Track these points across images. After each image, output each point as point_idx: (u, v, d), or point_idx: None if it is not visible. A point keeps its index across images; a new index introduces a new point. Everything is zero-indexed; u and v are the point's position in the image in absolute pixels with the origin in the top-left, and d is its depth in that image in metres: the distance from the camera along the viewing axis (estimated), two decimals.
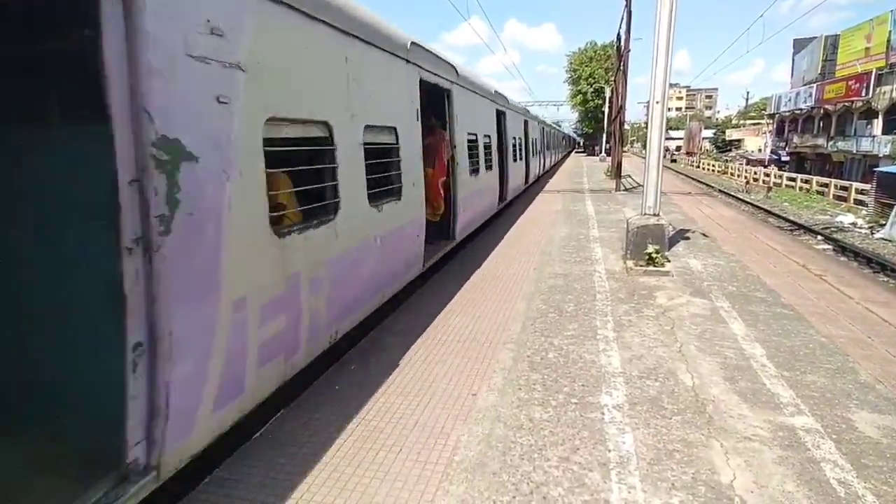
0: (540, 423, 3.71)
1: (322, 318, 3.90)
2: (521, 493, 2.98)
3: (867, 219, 19.07)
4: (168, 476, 2.52)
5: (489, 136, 10.68)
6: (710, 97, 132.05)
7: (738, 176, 37.89)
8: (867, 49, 35.53)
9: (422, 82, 6.19)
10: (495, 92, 11.42)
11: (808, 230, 16.90)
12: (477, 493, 2.98)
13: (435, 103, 7.28)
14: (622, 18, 20.28)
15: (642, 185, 8.61)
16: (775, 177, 32.87)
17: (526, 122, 17.38)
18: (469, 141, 8.67)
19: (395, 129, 5.37)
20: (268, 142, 3.10)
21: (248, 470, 3.25)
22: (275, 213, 3.26)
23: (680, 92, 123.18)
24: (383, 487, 3.06)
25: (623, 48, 20.68)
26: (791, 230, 17.06)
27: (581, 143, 77.45)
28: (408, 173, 5.67)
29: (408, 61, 5.73)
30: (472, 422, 3.74)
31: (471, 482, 3.08)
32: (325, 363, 4.53)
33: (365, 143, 4.53)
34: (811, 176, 30.79)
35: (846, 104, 36.66)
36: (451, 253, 8.41)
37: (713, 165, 48.51)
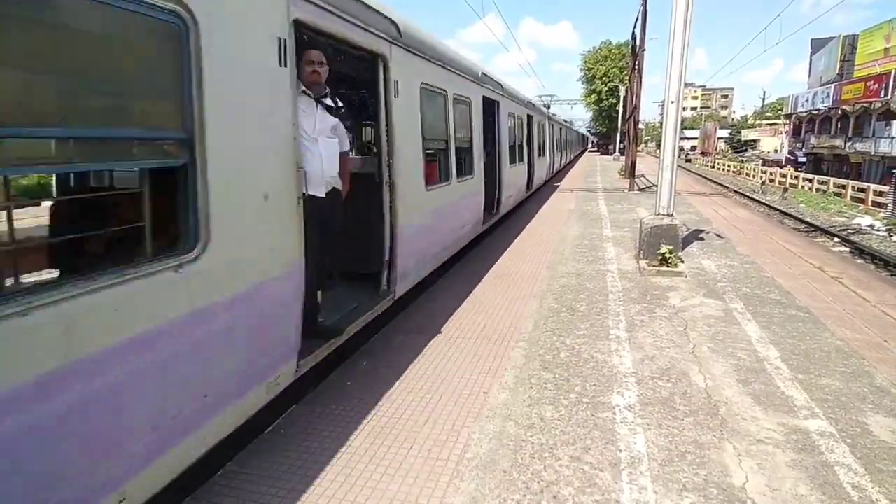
0: (551, 422, 3.71)
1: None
2: (531, 492, 2.98)
3: (885, 221, 18.74)
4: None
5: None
6: (725, 97, 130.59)
7: (754, 176, 37.47)
8: (886, 49, 34.96)
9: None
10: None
11: (824, 232, 16.65)
12: (487, 491, 2.99)
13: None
14: (637, 17, 20.16)
15: (656, 185, 8.56)
16: (792, 178, 32.45)
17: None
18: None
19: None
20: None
21: (260, 464, 3.28)
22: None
23: (695, 91, 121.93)
24: (394, 483, 3.08)
25: (638, 47, 20.55)
26: (807, 232, 16.83)
27: (595, 142, 76.98)
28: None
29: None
30: (484, 420, 3.75)
31: (482, 480, 3.09)
32: (335, 360, 4.57)
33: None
34: (828, 177, 30.34)
35: (864, 105, 36.09)
36: (462, 253, 8.42)
37: (728, 166, 47.99)
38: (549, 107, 27.38)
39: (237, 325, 2.82)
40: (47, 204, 3.21)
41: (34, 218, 3.08)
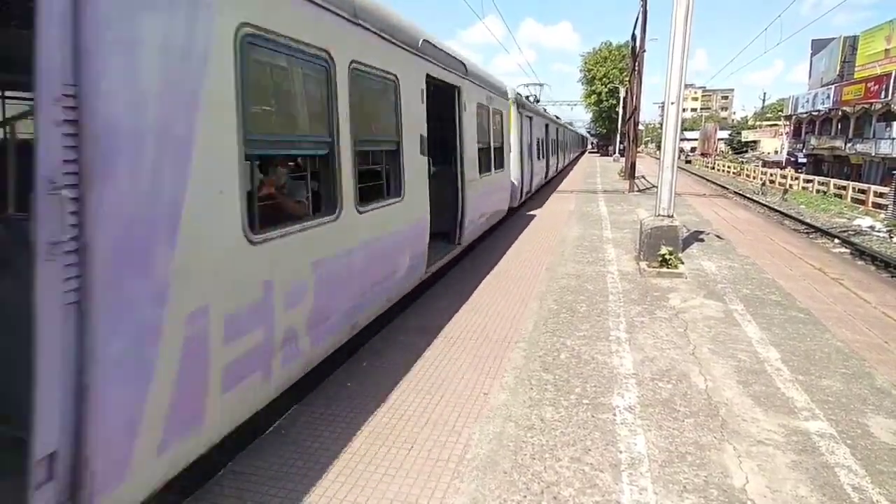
0: (551, 423, 3.72)
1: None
2: (531, 493, 2.99)
3: (886, 222, 18.74)
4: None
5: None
6: (726, 98, 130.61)
7: (754, 178, 37.48)
8: (887, 50, 34.98)
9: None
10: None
11: (825, 233, 16.65)
12: (488, 492, 2.99)
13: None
14: (637, 18, 20.17)
15: (656, 186, 8.56)
16: (792, 179, 32.45)
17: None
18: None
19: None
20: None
21: (261, 464, 3.29)
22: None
23: (695, 92, 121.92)
24: (395, 484, 3.08)
25: (638, 48, 20.56)
26: (807, 233, 16.83)
27: (594, 144, 76.95)
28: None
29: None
30: (484, 420, 3.76)
31: (482, 480, 3.09)
32: (337, 360, 4.57)
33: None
34: (829, 178, 30.34)
35: (865, 106, 36.09)
36: (462, 254, 8.41)
37: (728, 167, 48.00)
38: (537, 100, 21.38)
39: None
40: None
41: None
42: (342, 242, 4.01)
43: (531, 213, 14.16)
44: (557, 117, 26.34)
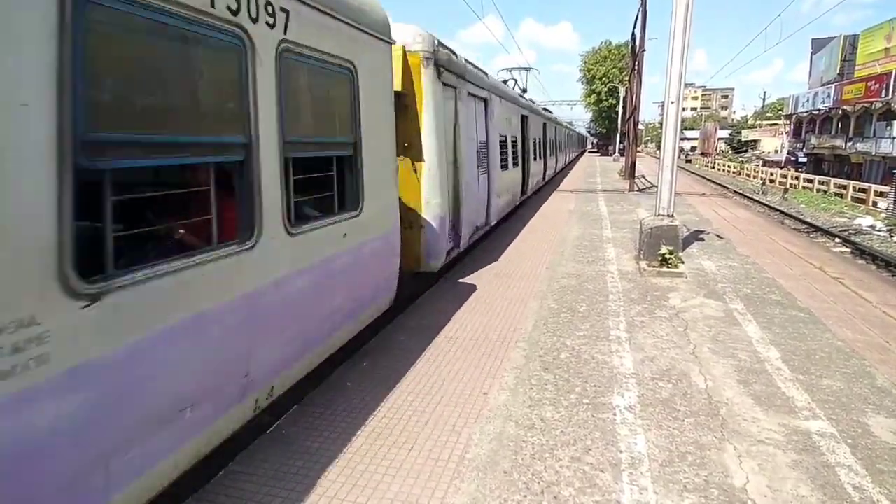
0: (551, 422, 3.71)
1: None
2: (532, 493, 2.98)
3: (886, 221, 18.74)
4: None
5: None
6: (726, 97, 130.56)
7: (754, 177, 37.46)
8: (887, 49, 34.97)
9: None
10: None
11: (825, 232, 16.65)
12: (488, 492, 2.99)
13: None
14: (637, 18, 20.16)
15: (656, 186, 8.56)
16: (792, 178, 32.43)
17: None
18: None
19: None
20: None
21: (261, 464, 3.29)
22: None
23: (695, 92, 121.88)
24: (395, 484, 3.08)
25: (638, 48, 20.55)
26: (808, 232, 16.82)
27: (594, 143, 76.91)
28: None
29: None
30: (484, 420, 3.75)
31: (482, 480, 3.09)
32: (337, 360, 4.57)
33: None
34: (829, 177, 30.32)
35: (865, 105, 36.08)
36: (462, 255, 8.40)
37: (728, 166, 47.99)
38: (524, 91, 19.47)
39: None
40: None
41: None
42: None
43: (532, 212, 14.15)
44: (547, 109, 21.06)
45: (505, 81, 14.97)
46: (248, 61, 2.90)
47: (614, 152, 49.44)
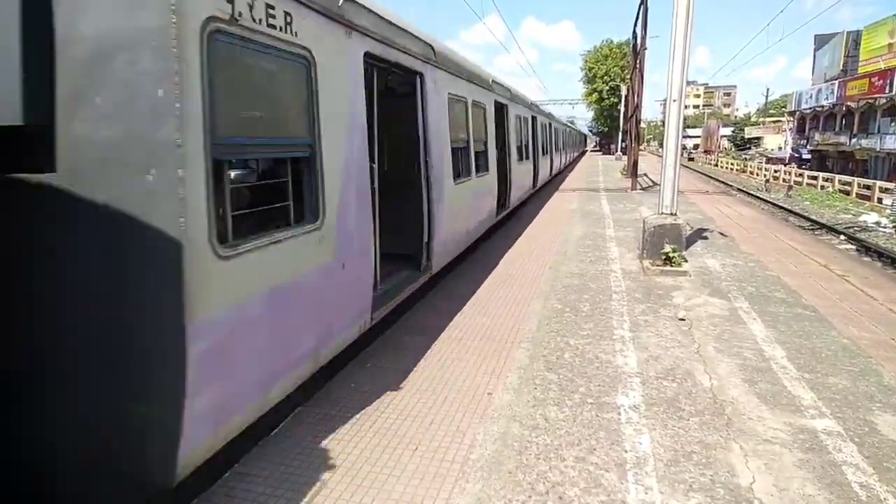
0: (556, 422, 3.71)
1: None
2: (536, 493, 2.98)
3: (892, 218, 18.65)
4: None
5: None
6: (728, 94, 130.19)
7: (758, 174, 37.34)
8: (890, 45, 34.80)
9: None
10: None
11: (830, 230, 16.58)
12: (493, 492, 2.99)
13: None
14: (638, 15, 20.12)
15: (658, 184, 8.54)
16: (796, 175, 32.31)
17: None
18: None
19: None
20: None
21: (266, 465, 3.29)
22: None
23: (698, 89, 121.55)
24: (400, 484, 3.08)
25: (639, 46, 20.51)
26: (812, 230, 16.76)
27: (596, 142, 76.77)
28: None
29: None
30: (489, 420, 3.75)
31: (487, 481, 3.09)
32: (342, 361, 4.57)
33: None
34: (833, 174, 30.20)
35: (869, 101, 35.88)
36: (465, 254, 8.39)
37: (732, 164, 47.83)
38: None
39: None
40: None
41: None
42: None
43: (534, 211, 14.13)
44: (534, 105, 17.44)
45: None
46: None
47: (616, 151, 49.33)
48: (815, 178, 30.32)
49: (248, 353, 2.92)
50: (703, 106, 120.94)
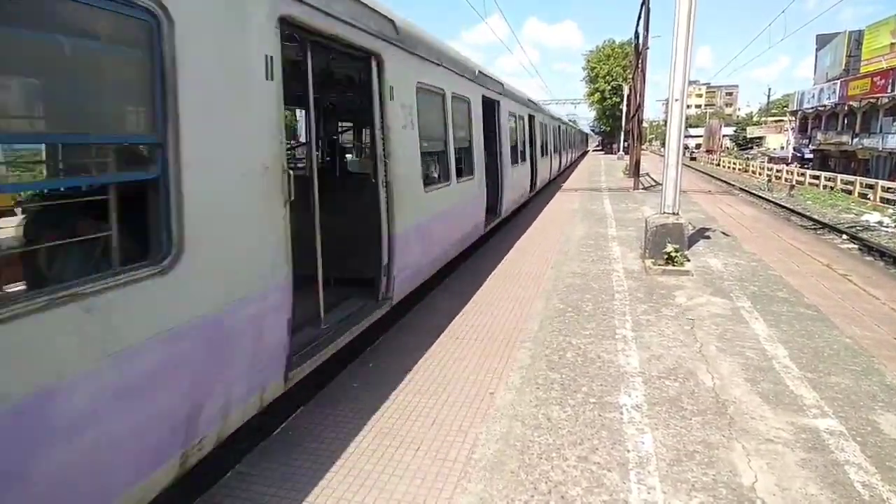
0: (558, 422, 3.71)
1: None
2: (539, 493, 2.98)
3: (894, 217, 18.61)
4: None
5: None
6: (730, 94, 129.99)
7: (760, 174, 37.26)
8: (892, 44, 34.73)
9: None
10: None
11: (832, 229, 16.55)
12: (496, 492, 2.99)
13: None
14: (640, 15, 20.10)
15: (661, 184, 8.52)
16: (798, 175, 32.24)
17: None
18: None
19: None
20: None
21: (268, 465, 3.29)
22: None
23: (700, 89, 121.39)
24: (402, 484, 3.08)
25: (641, 45, 20.48)
26: (815, 229, 16.73)
27: (599, 141, 76.69)
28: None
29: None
30: (491, 420, 3.75)
31: (489, 480, 3.09)
32: (343, 361, 4.58)
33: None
34: (835, 174, 30.13)
35: (871, 100, 35.77)
36: (467, 253, 8.40)
37: (734, 163, 47.75)
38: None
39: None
40: None
41: None
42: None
43: (536, 211, 14.13)
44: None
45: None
46: None
47: (618, 151, 49.26)
48: (817, 177, 30.26)
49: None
50: (705, 105, 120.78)
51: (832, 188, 27.48)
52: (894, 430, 3.57)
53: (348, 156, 8.58)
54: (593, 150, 71.50)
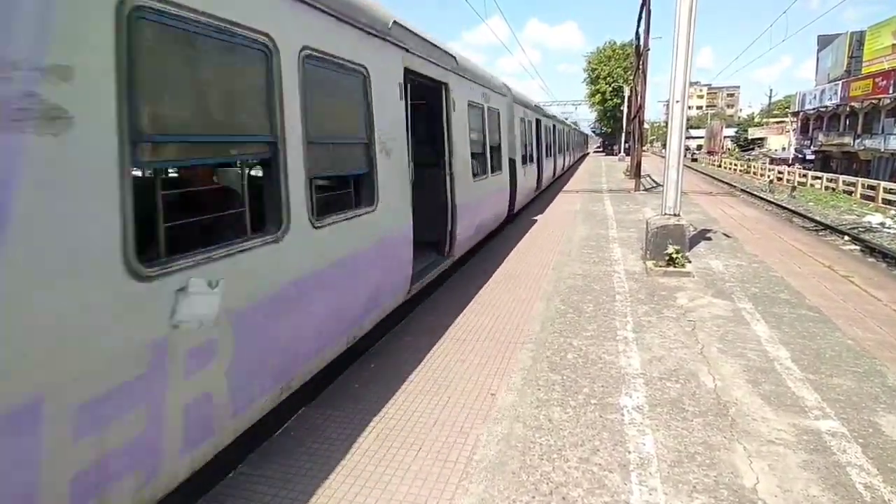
0: (559, 423, 3.71)
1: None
2: (540, 494, 2.98)
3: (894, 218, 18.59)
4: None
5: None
6: (731, 95, 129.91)
7: (762, 175, 37.24)
8: (894, 45, 34.67)
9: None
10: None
11: (834, 230, 16.53)
12: (497, 493, 2.99)
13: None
14: (640, 17, 20.11)
15: (662, 185, 8.53)
16: (800, 176, 32.22)
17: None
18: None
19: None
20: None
21: (270, 466, 3.30)
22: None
23: (701, 90, 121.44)
24: (403, 485, 3.09)
25: (642, 47, 20.48)
26: (816, 230, 16.71)
27: (600, 143, 76.67)
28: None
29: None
30: (492, 421, 3.75)
31: (490, 481, 3.09)
32: (345, 361, 4.58)
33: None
34: (837, 175, 30.11)
35: (873, 101, 35.77)
36: (467, 255, 8.41)
37: (735, 165, 47.73)
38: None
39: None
40: None
41: None
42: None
43: (537, 212, 14.13)
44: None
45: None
46: None
47: (619, 152, 49.26)
48: (818, 178, 30.24)
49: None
50: (707, 107, 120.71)
51: (834, 189, 27.46)
52: None
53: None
54: (594, 152, 71.46)
